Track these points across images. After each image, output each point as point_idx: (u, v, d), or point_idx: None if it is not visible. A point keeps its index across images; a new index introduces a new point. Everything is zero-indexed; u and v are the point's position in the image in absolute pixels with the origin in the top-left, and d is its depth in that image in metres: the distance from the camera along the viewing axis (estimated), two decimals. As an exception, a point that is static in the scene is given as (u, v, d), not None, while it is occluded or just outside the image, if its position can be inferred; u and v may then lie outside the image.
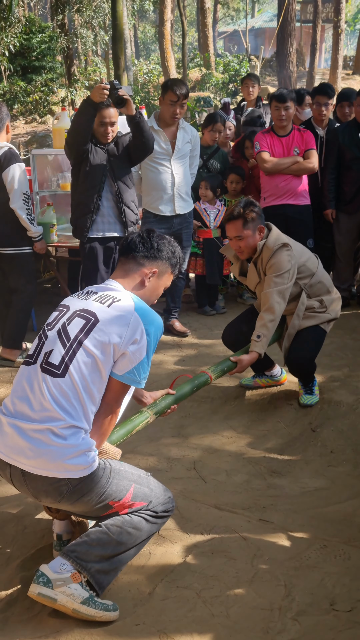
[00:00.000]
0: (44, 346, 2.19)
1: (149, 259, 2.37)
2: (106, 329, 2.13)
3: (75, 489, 2.08)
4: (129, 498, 2.17)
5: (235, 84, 20.32)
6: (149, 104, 18.84)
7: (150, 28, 35.54)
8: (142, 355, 2.16)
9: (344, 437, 3.41)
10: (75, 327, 2.16)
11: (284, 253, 3.48)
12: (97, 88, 3.90)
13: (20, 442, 2.09)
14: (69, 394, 2.09)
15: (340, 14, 22.55)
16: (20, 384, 2.19)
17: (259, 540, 2.53)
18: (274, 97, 5.02)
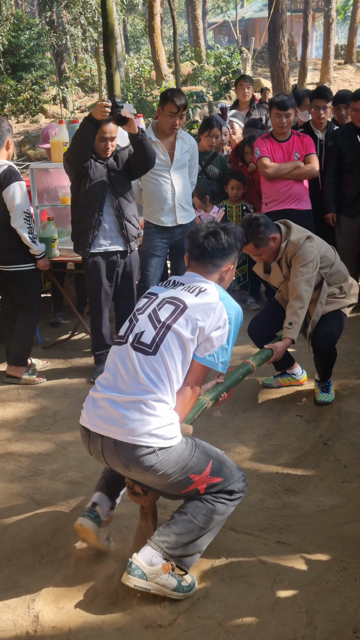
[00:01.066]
0: (135, 328, 2.41)
1: (224, 259, 2.55)
2: (194, 315, 2.33)
3: (163, 458, 2.26)
4: (207, 472, 2.34)
5: (227, 77, 20.24)
6: (141, 100, 18.76)
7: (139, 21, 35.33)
8: (223, 341, 2.38)
9: (357, 450, 3.41)
10: (165, 312, 2.37)
11: (307, 244, 3.69)
12: (98, 106, 3.87)
13: (113, 413, 2.28)
14: (159, 370, 2.29)
15: (331, 3, 22.47)
16: (113, 362, 2.40)
17: (278, 564, 2.53)
18: (275, 104, 4.99)
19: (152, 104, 18.44)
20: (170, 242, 4.81)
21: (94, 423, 2.36)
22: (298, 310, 3.60)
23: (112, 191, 4.17)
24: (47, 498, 3.13)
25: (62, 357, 4.98)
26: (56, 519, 2.92)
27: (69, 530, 2.82)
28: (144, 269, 4.74)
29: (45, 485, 3.26)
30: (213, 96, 19.37)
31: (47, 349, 5.15)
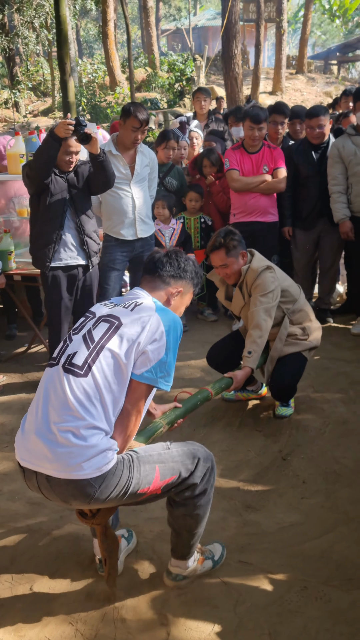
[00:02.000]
0: (68, 348, 2.27)
1: (174, 278, 2.48)
2: (128, 330, 2.21)
3: (101, 487, 2.13)
4: (158, 479, 2.25)
5: (181, 84, 20.32)
6: (95, 106, 18.66)
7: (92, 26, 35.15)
8: (160, 355, 2.22)
9: (315, 465, 3.45)
10: (100, 331, 2.25)
11: (267, 274, 3.70)
12: (62, 124, 3.83)
13: (41, 446, 2.14)
14: (90, 394, 2.14)
15: (283, 14, 22.84)
16: (42, 386, 2.26)
17: (240, 585, 2.54)
18: (249, 117, 5.05)
19: (105, 110, 18.38)
20: (130, 256, 4.80)
21: (24, 458, 2.21)
22: (257, 339, 3.60)
23: (72, 207, 4.13)
24: (6, 520, 3.06)
25: (18, 371, 4.90)
26: (16, 543, 2.86)
27: (29, 554, 2.77)
28: (103, 282, 4.70)
29: (4, 506, 3.19)
30: (167, 103, 19.43)
31: (2, 362, 5.06)
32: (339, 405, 4.11)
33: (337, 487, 3.25)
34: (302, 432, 3.80)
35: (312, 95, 25.03)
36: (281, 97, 23.47)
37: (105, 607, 2.45)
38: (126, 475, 2.19)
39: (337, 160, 5.00)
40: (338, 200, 5.03)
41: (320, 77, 28.75)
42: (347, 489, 3.23)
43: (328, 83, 27.47)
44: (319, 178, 5.19)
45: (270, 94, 24.10)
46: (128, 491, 2.20)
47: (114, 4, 21.81)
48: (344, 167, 4.95)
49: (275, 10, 24.10)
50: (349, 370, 4.61)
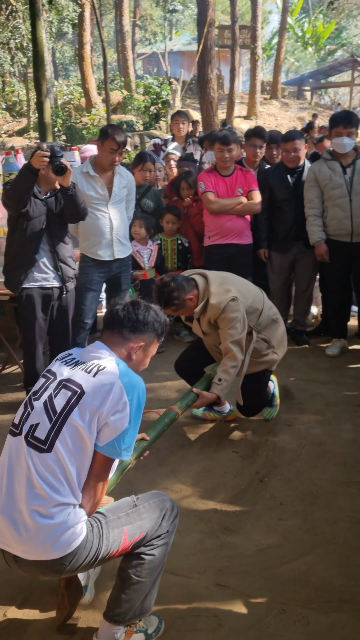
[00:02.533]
0: (30, 417, 2.19)
1: (134, 332, 2.38)
2: (91, 401, 2.13)
3: (72, 562, 2.11)
4: (126, 540, 2.22)
5: (157, 107, 20.54)
6: (70, 127, 18.74)
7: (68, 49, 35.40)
8: (123, 425, 2.16)
9: (292, 487, 3.45)
10: (61, 400, 2.16)
11: (231, 306, 3.61)
12: (37, 155, 3.83)
13: (7, 527, 2.08)
14: (56, 470, 2.09)
15: (257, 41, 23.29)
16: (7, 457, 2.18)
17: (218, 609, 2.52)
18: (217, 139, 5.12)
19: (81, 131, 18.46)
20: (107, 277, 4.80)
21: None
22: (230, 369, 3.60)
23: (48, 233, 4.13)
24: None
25: (-8, 391, 4.85)
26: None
27: (3, 578, 2.72)
28: (80, 303, 4.69)
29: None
30: (143, 126, 19.59)
31: (-24, 383, 5.00)
32: (315, 426, 4.13)
33: (314, 509, 3.25)
34: (279, 453, 3.81)
35: (285, 120, 25.49)
36: (256, 121, 23.85)
37: (80, 635, 2.41)
38: (96, 544, 2.16)
39: (313, 184, 5.08)
40: (314, 224, 5.10)
41: (294, 102, 29.32)
42: (324, 510, 3.24)
43: (301, 108, 28.02)
44: (294, 202, 5.27)
45: (245, 119, 24.48)
46: (98, 558, 2.18)
47: (91, 27, 22.04)
48: (320, 191, 5.03)
49: (250, 37, 24.57)
50: (324, 391, 4.64)
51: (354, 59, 28.77)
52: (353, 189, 4.88)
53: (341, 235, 4.98)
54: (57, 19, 19.47)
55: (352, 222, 4.90)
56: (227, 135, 5.07)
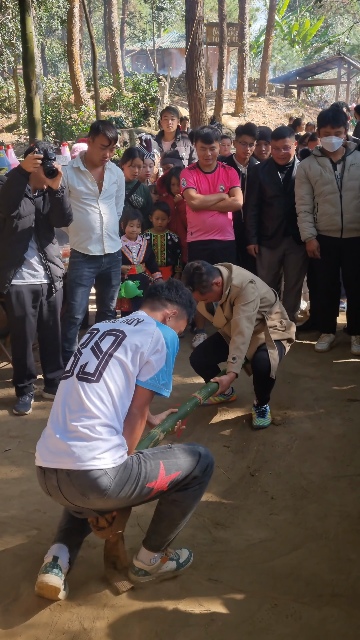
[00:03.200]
0: (79, 360, 2.53)
1: (171, 301, 2.79)
2: (133, 341, 2.48)
3: (115, 480, 2.36)
4: (163, 474, 2.46)
5: (145, 103, 20.49)
6: (60, 123, 18.64)
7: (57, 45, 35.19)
8: (162, 364, 2.50)
9: (282, 482, 3.46)
10: (106, 343, 2.52)
11: (249, 286, 3.91)
12: (29, 158, 3.82)
13: (62, 445, 2.37)
14: (102, 397, 2.40)
15: (245, 39, 23.29)
16: (60, 395, 2.52)
17: (210, 604, 2.52)
18: (199, 137, 5.10)
19: (71, 127, 18.38)
20: (97, 272, 4.78)
21: (45, 459, 2.43)
22: (240, 346, 3.81)
23: (36, 233, 4.13)
24: (-31, 541, 2.99)
25: (-19, 388, 4.81)
26: (-20, 564, 2.79)
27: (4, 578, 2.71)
28: (70, 298, 4.67)
29: (-33, 527, 3.11)
30: (132, 122, 19.54)
31: (-35, 379, 4.96)
32: (305, 421, 4.14)
33: (305, 503, 3.27)
34: (269, 448, 3.82)
35: (273, 117, 25.53)
36: (244, 118, 23.87)
37: (74, 631, 2.41)
38: (136, 470, 2.42)
39: (303, 181, 5.10)
40: (305, 220, 5.11)
41: (281, 99, 29.36)
42: (315, 505, 3.25)
43: (289, 105, 28.06)
44: (284, 198, 5.28)
45: (233, 115, 24.49)
46: (138, 485, 2.41)
47: (80, 24, 21.94)
48: (311, 187, 5.04)
49: (238, 34, 24.58)
50: (313, 386, 4.66)
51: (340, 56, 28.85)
52: (343, 185, 4.90)
53: (331, 231, 5.00)
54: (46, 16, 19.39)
55: (342, 218, 4.91)
56: (210, 133, 5.06)
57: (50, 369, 4.51)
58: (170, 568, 2.66)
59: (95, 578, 2.68)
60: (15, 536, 3.00)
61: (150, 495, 2.47)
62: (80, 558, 2.78)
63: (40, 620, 2.46)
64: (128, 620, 2.44)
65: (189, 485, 2.54)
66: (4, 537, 2.99)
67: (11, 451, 3.85)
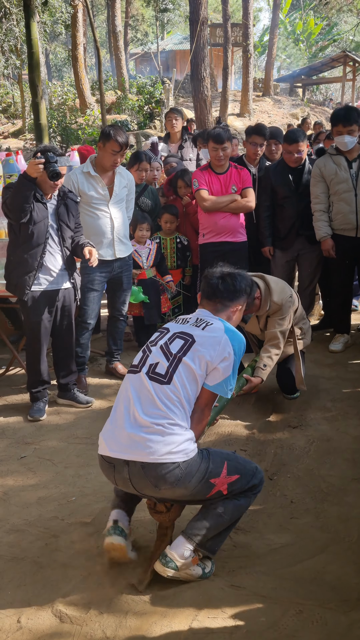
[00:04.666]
0: (149, 358, 2.66)
1: (233, 300, 2.83)
2: (201, 348, 2.59)
3: (186, 470, 2.51)
4: (225, 473, 2.60)
5: (150, 106, 20.47)
6: (65, 128, 18.66)
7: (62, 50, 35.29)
8: (229, 371, 2.63)
9: (302, 485, 3.43)
10: (176, 346, 2.64)
11: (288, 302, 4.06)
12: (31, 164, 3.85)
13: (136, 438, 2.51)
14: (173, 398, 2.55)
15: (249, 39, 23.24)
16: (128, 389, 2.64)
17: (234, 611, 2.49)
18: (211, 137, 5.06)
19: (76, 132, 18.38)
20: (109, 276, 4.76)
21: (114, 449, 2.57)
22: (273, 356, 4.01)
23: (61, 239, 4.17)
24: (-11, 549, 2.97)
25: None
26: (0, 573, 2.77)
27: (16, 584, 2.69)
28: (82, 303, 4.65)
29: (-14, 535, 3.09)
30: (138, 125, 19.53)
31: (-21, 386, 4.96)
32: (322, 422, 4.10)
33: (326, 506, 3.23)
34: (287, 450, 3.78)
35: (278, 117, 25.44)
36: (249, 119, 23.82)
37: (97, 638, 2.38)
38: (204, 464, 2.57)
39: (319, 180, 5.07)
40: (320, 219, 5.08)
41: (287, 99, 29.26)
42: (336, 507, 3.21)
43: (294, 105, 27.97)
44: (296, 198, 5.24)
45: (238, 116, 24.44)
46: (203, 478, 2.55)
47: (84, 28, 21.97)
48: (326, 186, 5.01)
49: (242, 34, 24.53)
50: (329, 387, 4.62)
51: (345, 54, 28.70)
52: (358, 183, 4.86)
53: (346, 230, 4.96)
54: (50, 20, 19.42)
55: (357, 217, 4.88)
56: (221, 133, 5.01)
57: (64, 374, 4.49)
58: (196, 573, 2.64)
59: (117, 585, 2.65)
60: (34, 543, 2.98)
61: (211, 493, 2.59)
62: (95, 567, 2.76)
63: (62, 629, 2.44)
64: (151, 628, 2.41)
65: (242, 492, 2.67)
66: (23, 544, 2.98)
67: (27, 458, 3.83)
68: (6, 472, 3.68)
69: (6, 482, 3.56)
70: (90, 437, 4.04)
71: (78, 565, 2.80)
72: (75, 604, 2.56)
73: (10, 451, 3.92)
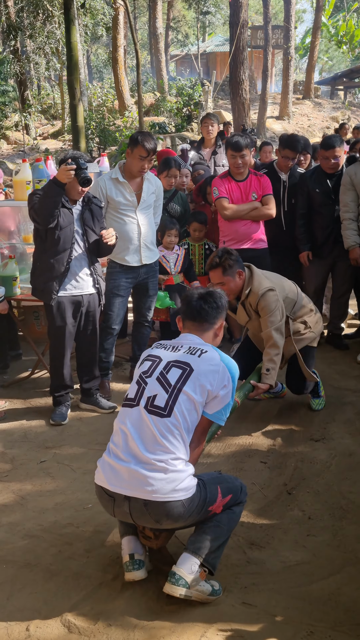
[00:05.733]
0: (146, 391, 2.61)
1: (217, 318, 2.84)
2: (200, 377, 2.58)
3: (189, 506, 2.54)
4: (220, 497, 2.65)
5: (189, 108, 20.48)
6: (104, 129, 18.80)
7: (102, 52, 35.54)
8: (228, 398, 2.66)
9: (321, 501, 3.36)
10: (174, 376, 2.60)
11: (269, 295, 3.94)
12: (63, 169, 3.88)
13: (138, 475, 2.49)
14: (174, 431, 2.53)
15: (290, 41, 23.07)
16: (127, 424, 2.59)
17: (244, 630, 2.45)
18: (229, 145, 5.04)
19: (114, 134, 18.50)
20: (135, 282, 4.76)
21: (114, 484, 2.55)
22: (274, 357, 3.94)
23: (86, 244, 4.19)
24: (4, 554, 2.98)
25: (21, 397, 4.84)
26: (13, 578, 2.79)
27: (28, 590, 2.70)
28: (107, 308, 4.66)
29: (2, 539, 3.11)
30: (175, 127, 19.56)
31: (5, 387, 5.01)
32: (345, 436, 4.03)
33: (344, 524, 3.16)
34: (307, 464, 3.72)
35: (318, 120, 25.20)
36: (288, 122, 23.66)
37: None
38: (202, 494, 2.59)
39: (349, 188, 5.00)
40: (349, 227, 5.02)
41: (327, 102, 28.97)
42: (355, 526, 3.14)
43: (335, 108, 27.66)
44: (333, 205, 5.18)
45: (277, 119, 24.29)
46: (202, 509, 2.59)
47: (124, 30, 22.10)
48: (356, 194, 4.95)
49: (283, 37, 24.36)
50: (354, 400, 4.54)
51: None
52: (389, 192, 4.78)
53: (376, 239, 4.88)
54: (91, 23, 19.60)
55: (387, 226, 4.79)
56: (239, 141, 4.98)
57: (87, 379, 4.51)
58: (206, 589, 2.59)
59: (127, 597, 2.64)
60: (48, 550, 2.99)
61: (207, 517, 2.64)
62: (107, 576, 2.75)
63: None
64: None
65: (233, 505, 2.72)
66: (37, 551, 2.99)
67: (46, 462, 3.85)
68: (25, 476, 3.70)
69: (25, 487, 3.59)
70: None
71: (90, 574, 2.80)
72: (85, 615, 2.56)
73: (31, 455, 3.95)
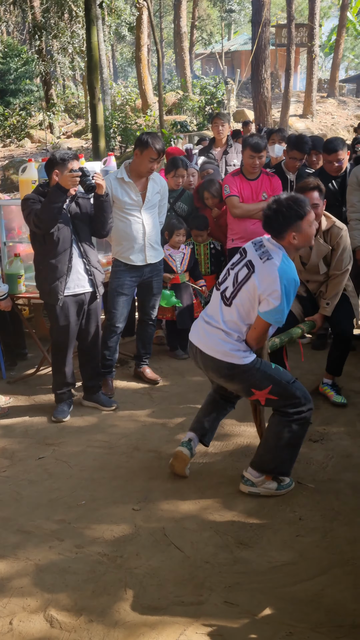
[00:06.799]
0: (227, 281, 3.31)
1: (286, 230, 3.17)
2: (257, 280, 3.13)
3: (231, 372, 3.22)
4: (266, 391, 3.22)
5: (212, 107, 20.48)
6: (126, 128, 18.88)
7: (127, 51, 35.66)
8: (276, 303, 3.08)
9: (313, 502, 3.35)
10: (242, 274, 3.22)
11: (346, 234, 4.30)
12: (67, 176, 3.91)
13: (203, 333, 3.32)
14: (233, 317, 3.22)
15: (314, 39, 22.90)
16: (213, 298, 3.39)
17: (224, 628, 2.46)
18: (249, 146, 5.06)
19: (136, 132, 18.57)
20: (139, 281, 4.78)
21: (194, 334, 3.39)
22: (337, 296, 4.27)
23: (77, 238, 4.20)
24: (-6, 548, 3.04)
25: (26, 393, 4.90)
26: (2, 573, 2.83)
27: (18, 585, 2.74)
28: (111, 307, 4.69)
29: (-6, 534, 3.16)
30: (197, 126, 19.56)
31: (11, 384, 5.07)
32: (344, 437, 4.01)
33: (335, 526, 3.15)
34: (303, 465, 3.70)
35: (342, 118, 25.00)
36: (312, 120, 23.50)
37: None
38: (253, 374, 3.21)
39: (355, 188, 4.96)
40: (356, 228, 4.98)
41: (352, 100, 28.73)
42: (345, 528, 3.13)
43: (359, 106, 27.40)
44: (340, 207, 5.14)
45: (301, 117, 24.13)
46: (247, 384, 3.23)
47: (148, 29, 22.16)
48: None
49: (307, 35, 24.19)
50: (357, 401, 4.51)
51: None
52: None
53: (383, 239, 4.84)
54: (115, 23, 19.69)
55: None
56: (259, 142, 5.07)
57: (89, 377, 4.54)
58: (272, 486, 3.36)
59: (111, 594, 2.67)
60: (39, 546, 3.03)
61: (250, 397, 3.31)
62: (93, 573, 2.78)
63: (51, 634, 2.48)
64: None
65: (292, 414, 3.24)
66: (28, 547, 3.03)
67: (45, 459, 3.89)
68: (23, 472, 3.75)
69: (21, 482, 3.63)
70: (108, 442, 4.08)
71: (77, 570, 2.84)
72: (68, 610, 2.60)
73: (30, 451, 3.99)
